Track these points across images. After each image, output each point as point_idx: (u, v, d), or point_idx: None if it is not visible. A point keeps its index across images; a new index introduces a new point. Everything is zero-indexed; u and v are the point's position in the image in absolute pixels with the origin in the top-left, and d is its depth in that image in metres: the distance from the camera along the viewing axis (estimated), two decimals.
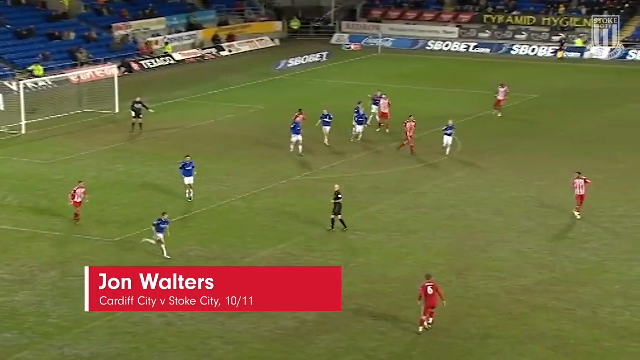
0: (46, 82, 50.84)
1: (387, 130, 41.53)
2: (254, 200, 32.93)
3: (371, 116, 42.67)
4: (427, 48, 67.23)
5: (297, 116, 38.96)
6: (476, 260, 26.87)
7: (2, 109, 42.15)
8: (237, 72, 58.24)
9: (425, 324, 22.80)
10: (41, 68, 53.54)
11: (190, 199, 32.36)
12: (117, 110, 46.00)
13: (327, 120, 39.53)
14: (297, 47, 65.40)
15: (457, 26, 68.73)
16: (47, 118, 43.50)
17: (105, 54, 58.86)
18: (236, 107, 48.33)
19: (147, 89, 52.61)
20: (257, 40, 68.20)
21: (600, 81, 55.59)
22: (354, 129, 40.20)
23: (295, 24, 72.00)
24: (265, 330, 22.96)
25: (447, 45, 67.33)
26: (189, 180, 32.60)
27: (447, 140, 37.52)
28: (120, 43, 60.28)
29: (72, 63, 55.89)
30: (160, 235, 27.30)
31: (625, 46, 62.07)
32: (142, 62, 59.77)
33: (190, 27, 66.27)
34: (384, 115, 42.06)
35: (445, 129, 37.70)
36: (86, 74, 52.31)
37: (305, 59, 61.15)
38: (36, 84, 50.09)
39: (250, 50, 66.80)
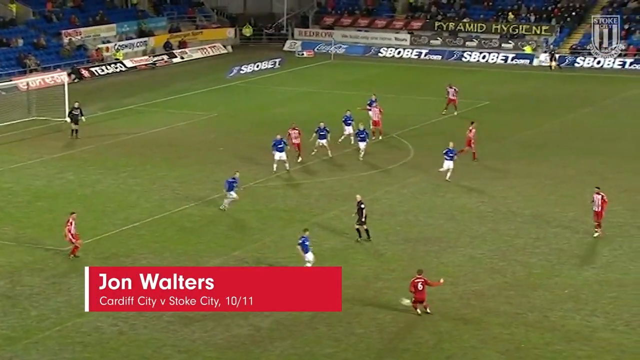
0: None
1: (380, 138, 41.04)
2: (207, 207, 32.79)
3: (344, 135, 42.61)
4: (380, 55, 67.68)
5: (288, 133, 37.35)
6: (429, 265, 27.08)
7: None
8: (189, 79, 57.98)
9: (419, 310, 23.72)
10: None
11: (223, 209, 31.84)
12: (66, 118, 45.48)
13: (323, 133, 38.42)
14: (250, 54, 65.34)
15: (409, 33, 69.31)
16: None
17: (55, 60, 58.22)
18: (188, 114, 48.10)
19: (98, 96, 52.15)
20: (209, 47, 68.03)
21: (550, 87, 56.48)
22: (344, 136, 39.68)
23: (248, 31, 71.99)
24: (219, 338, 22.87)
25: (399, 52, 67.84)
26: (447, 165, 34.52)
27: (448, 164, 35.55)
28: (69, 50, 59.65)
29: (20, 70, 55.15)
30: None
31: (572, 54, 63.17)
32: (92, 69, 59.23)
33: (141, 33, 65.87)
34: (375, 124, 41.29)
35: (446, 152, 35.79)
36: (35, 81, 51.66)
37: (257, 66, 61.12)
38: None
39: (202, 57, 66.58)
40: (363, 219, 29.10)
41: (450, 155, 35.78)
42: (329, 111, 45.19)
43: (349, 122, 40.53)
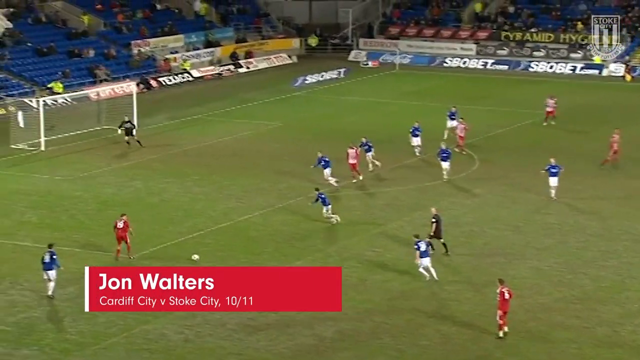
0: (65, 99, 51.26)
1: (464, 152, 40.32)
2: (272, 216, 32.98)
3: (446, 131, 42.29)
4: (445, 65, 67.29)
5: (347, 152, 36.63)
6: (494, 277, 26.75)
7: (22, 125, 42.47)
8: (255, 89, 58.44)
9: (502, 332, 23.14)
10: (61, 85, 54.00)
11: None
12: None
13: (367, 146, 38.25)
14: (315, 64, 65.60)
15: (475, 43, 68.76)
16: (67, 135, 43.78)
17: (124, 71, 59.30)
18: (253, 123, 48.48)
19: (165, 106, 52.94)
20: (275, 57, 68.48)
21: (621, 98, 55.38)
22: (415, 148, 39.80)
23: (313, 41, 72.30)
24: (283, 347, 22.95)
25: (464, 62, 67.36)
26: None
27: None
28: (139, 60, 60.71)
29: (91, 80, 56.34)
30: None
31: None
32: (160, 79, 60.15)
33: (208, 44, 66.66)
34: (461, 139, 40.67)
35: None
36: (105, 91, 52.72)
37: (322, 76, 61.31)
38: (56, 100, 50.51)
39: (268, 67, 67.04)
40: (432, 233, 28.75)
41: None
42: (393, 121, 45.12)
43: (417, 133, 40.38)
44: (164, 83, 60.10)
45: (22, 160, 40.51)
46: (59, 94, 52.47)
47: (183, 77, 61.56)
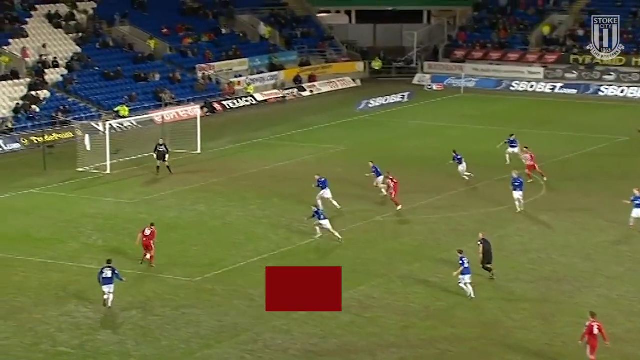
0: (131, 123, 52.24)
1: (544, 179, 39.43)
2: (334, 240, 32.97)
3: (507, 156, 42.19)
4: (511, 89, 66.69)
5: (388, 184, 36.51)
6: (562, 306, 26.30)
7: (89, 149, 43.33)
8: (318, 113, 58.72)
9: None
10: (127, 109, 55.06)
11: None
12: (199, 151, 46.88)
13: (376, 170, 38.47)
14: (379, 88, 65.68)
15: (543, 66, 68.04)
16: (131, 158, 44.55)
17: (189, 94, 60.20)
18: (317, 147, 48.67)
19: (229, 129, 53.54)
20: (339, 81, 68.77)
21: None
22: (463, 175, 39.44)
23: (377, 64, 72.44)
24: None
25: (531, 86, 66.67)
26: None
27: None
28: (203, 84, 61.60)
29: (156, 104, 57.33)
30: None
31: None
32: (224, 103, 60.88)
33: (272, 67, 67.31)
34: (529, 168, 39.47)
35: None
36: (170, 114, 53.56)
37: (386, 100, 61.34)
38: (121, 124, 51.50)
39: (332, 91, 67.34)
40: (481, 255, 28.52)
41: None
42: (457, 146, 44.77)
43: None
44: (227, 107, 60.81)
45: (88, 184, 41.33)
46: (124, 117, 53.51)
47: (247, 101, 62.20)
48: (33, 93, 53.57)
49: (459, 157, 40.42)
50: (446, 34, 74.37)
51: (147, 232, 30.29)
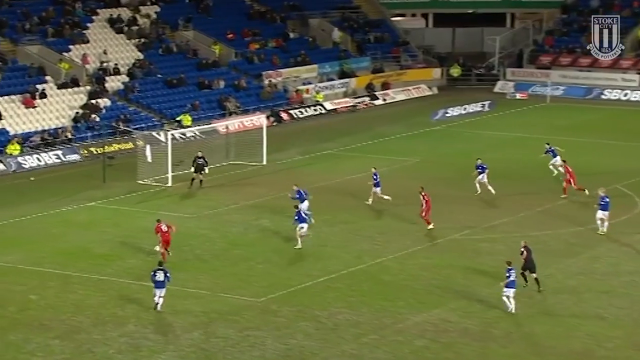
0: (194, 133, 52.94)
1: (586, 192, 39.10)
2: (407, 260, 32.88)
3: (551, 166, 42.20)
4: (603, 97, 65.64)
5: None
6: None
7: (150, 160, 44.00)
8: (392, 123, 58.64)
9: None
10: (189, 118, 55.86)
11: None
12: (264, 162, 47.26)
13: (376, 181, 39.17)
14: (457, 96, 65.33)
15: (638, 73, 66.80)
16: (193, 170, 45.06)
17: (255, 103, 60.76)
18: (389, 159, 48.59)
19: (296, 140, 53.85)
20: (414, 89, 68.62)
21: None
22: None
23: (455, 71, 72.07)
24: None
25: (625, 94, 65.52)
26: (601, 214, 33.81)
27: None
28: (270, 92, 62.12)
29: (220, 112, 58.01)
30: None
31: None
32: (291, 112, 61.27)
33: (343, 74, 67.50)
34: (568, 182, 39.57)
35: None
36: (234, 124, 54.13)
37: (465, 109, 60.96)
38: (184, 134, 52.24)
39: (406, 99, 67.21)
40: (524, 261, 28.93)
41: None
42: (542, 159, 44.26)
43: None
44: (295, 116, 61.17)
45: (149, 197, 42.00)
46: (187, 127, 54.27)
47: (315, 110, 62.47)
48: (93, 101, 54.75)
49: (483, 166, 40.31)
50: (531, 38, 73.62)
51: (164, 227, 32.47)
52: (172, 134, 46.37)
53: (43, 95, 53.76)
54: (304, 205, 36.16)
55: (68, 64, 56.47)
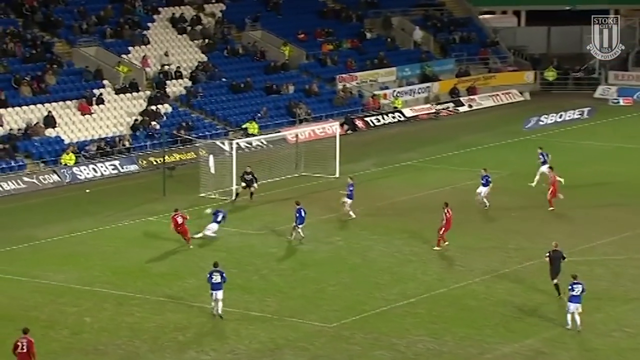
0: (261, 142, 53.31)
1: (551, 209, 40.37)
2: (495, 283, 32.54)
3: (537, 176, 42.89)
4: None
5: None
6: None
7: (213, 171, 44.40)
8: (479, 131, 58.25)
9: None
10: (256, 125, 56.28)
11: None
12: (337, 175, 47.30)
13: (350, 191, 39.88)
14: (552, 102, 64.60)
15: None
16: (261, 182, 45.37)
17: (327, 109, 60.95)
18: (476, 172, 48.14)
19: (372, 150, 53.84)
20: (503, 94, 68.06)
21: None
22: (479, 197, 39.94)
23: (550, 75, 71.28)
24: None
25: None
26: None
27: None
28: (344, 97, 62.23)
29: (289, 120, 58.31)
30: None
31: None
32: (367, 119, 61.27)
33: (425, 78, 67.30)
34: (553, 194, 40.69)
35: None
36: (305, 132, 54.34)
37: (561, 116, 60.28)
38: (250, 143, 52.63)
39: (495, 106, 66.71)
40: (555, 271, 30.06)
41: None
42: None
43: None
44: (371, 123, 61.16)
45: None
46: (253, 135, 54.67)
47: (394, 117, 62.40)
48: (153, 107, 55.56)
49: (487, 177, 40.78)
50: (638, 38, 72.39)
51: (179, 220, 35.88)
52: (237, 143, 46.75)
53: (100, 100, 54.74)
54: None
55: (127, 67, 57.41)
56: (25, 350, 24.54)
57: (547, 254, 30.90)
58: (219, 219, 38.02)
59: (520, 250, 35.68)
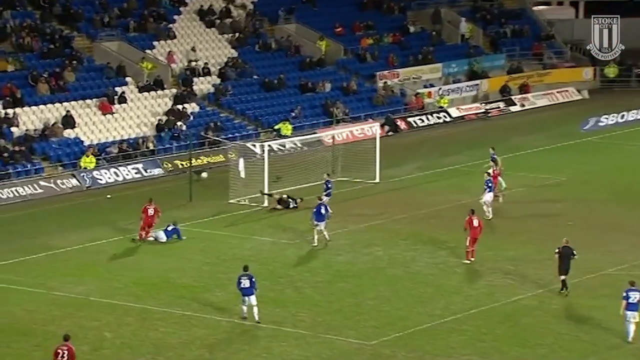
0: (294, 144, 53.42)
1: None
2: (550, 298, 32.41)
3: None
4: None
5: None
6: None
7: (243, 176, 44.53)
8: (531, 133, 58.04)
9: None
10: (289, 126, 56.41)
11: None
12: (377, 179, 47.30)
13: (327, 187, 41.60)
14: (613, 101, 64.22)
15: None
16: (295, 187, 45.47)
17: (366, 109, 60.99)
18: (529, 177, 48.05)
19: (415, 153, 53.79)
20: (559, 92, 67.77)
21: None
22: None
23: (611, 71, 70.79)
24: None
25: None
26: None
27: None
28: (384, 96, 62.23)
29: (326, 120, 58.39)
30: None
31: None
32: (410, 119, 61.23)
33: (473, 75, 67.14)
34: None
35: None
36: (342, 133, 54.38)
37: (623, 117, 59.92)
38: (283, 145, 52.77)
39: (549, 105, 66.43)
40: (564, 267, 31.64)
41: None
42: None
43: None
44: (414, 124, 61.11)
45: (241, 219, 42.48)
46: (287, 137, 54.81)
47: (439, 117, 62.31)
48: (179, 107, 55.88)
49: (489, 181, 41.23)
50: None
51: (151, 211, 38.24)
52: (270, 145, 46.86)
53: (122, 99, 55.16)
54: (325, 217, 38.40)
55: (151, 64, 57.80)
56: (65, 359, 24.84)
57: (557, 250, 32.44)
58: (170, 228, 39.15)
59: (578, 262, 35.38)
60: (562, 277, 32.42)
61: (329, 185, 41.85)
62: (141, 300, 32.89)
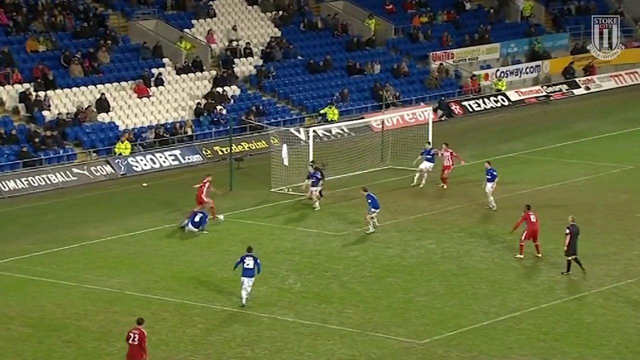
0: (341, 129, 53.51)
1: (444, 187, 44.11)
2: (616, 295, 32.26)
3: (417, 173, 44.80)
4: None
5: None
6: None
7: (286, 163, 44.68)
8: (597, 118, 57.77)
9: None
10: (336, 111, 56.48)
11: None
12: (430, 168, 47.18)
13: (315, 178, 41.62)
14: None
15: None
16: (341, 176, 45.53)
17: (418, 92, 60.94)
18: (593, 165, 47.82)
19: (470, 139, 53.66)
20: (627, 74, 67.34)
21: None
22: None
23: None
24: None
25: None
26: None
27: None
28: (438, 78, 62.08)
29: (375, 104, 58.39)
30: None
31: None
32: (465, 103, 61.07)
33: (533, 55, 66.79)
34: (445, 169, 44.69)
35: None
36: (392, 118, 54.36)
37: None
38: (329, 131, 52.85)
39: (616, 88, 66.00)
40: (566, 247, 32.60)
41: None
42: None
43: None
44: (470, 108, 60.97)
45: (284, 209, 42.64)
46: (333, 122, 54.89)
47: (496, 101, 62.12)
48: (219, 90, 56.14)
49: (492, 170, 41.36)
50: None
51: (204, 189, 39.76)
52: (315, 131, 46.97)
53: (159, 81, 55.50)
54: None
55: (190, 44, 58.10)
56: (136, 343, 25.67)
57: (568, 229, 33.38)
58: (197, 219, 39.29)
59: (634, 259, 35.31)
60: (570, 257, 33.40)
61: (318, 176, 41.83)
62: (179, 294, 33.14)
